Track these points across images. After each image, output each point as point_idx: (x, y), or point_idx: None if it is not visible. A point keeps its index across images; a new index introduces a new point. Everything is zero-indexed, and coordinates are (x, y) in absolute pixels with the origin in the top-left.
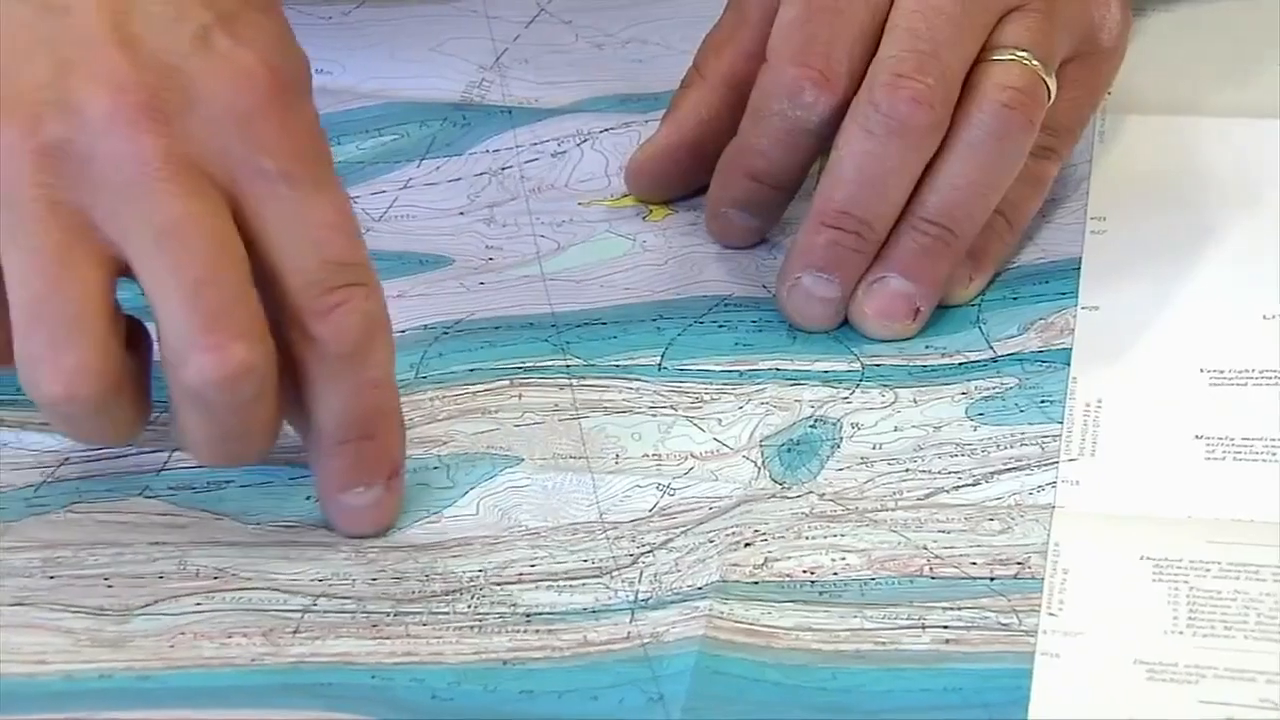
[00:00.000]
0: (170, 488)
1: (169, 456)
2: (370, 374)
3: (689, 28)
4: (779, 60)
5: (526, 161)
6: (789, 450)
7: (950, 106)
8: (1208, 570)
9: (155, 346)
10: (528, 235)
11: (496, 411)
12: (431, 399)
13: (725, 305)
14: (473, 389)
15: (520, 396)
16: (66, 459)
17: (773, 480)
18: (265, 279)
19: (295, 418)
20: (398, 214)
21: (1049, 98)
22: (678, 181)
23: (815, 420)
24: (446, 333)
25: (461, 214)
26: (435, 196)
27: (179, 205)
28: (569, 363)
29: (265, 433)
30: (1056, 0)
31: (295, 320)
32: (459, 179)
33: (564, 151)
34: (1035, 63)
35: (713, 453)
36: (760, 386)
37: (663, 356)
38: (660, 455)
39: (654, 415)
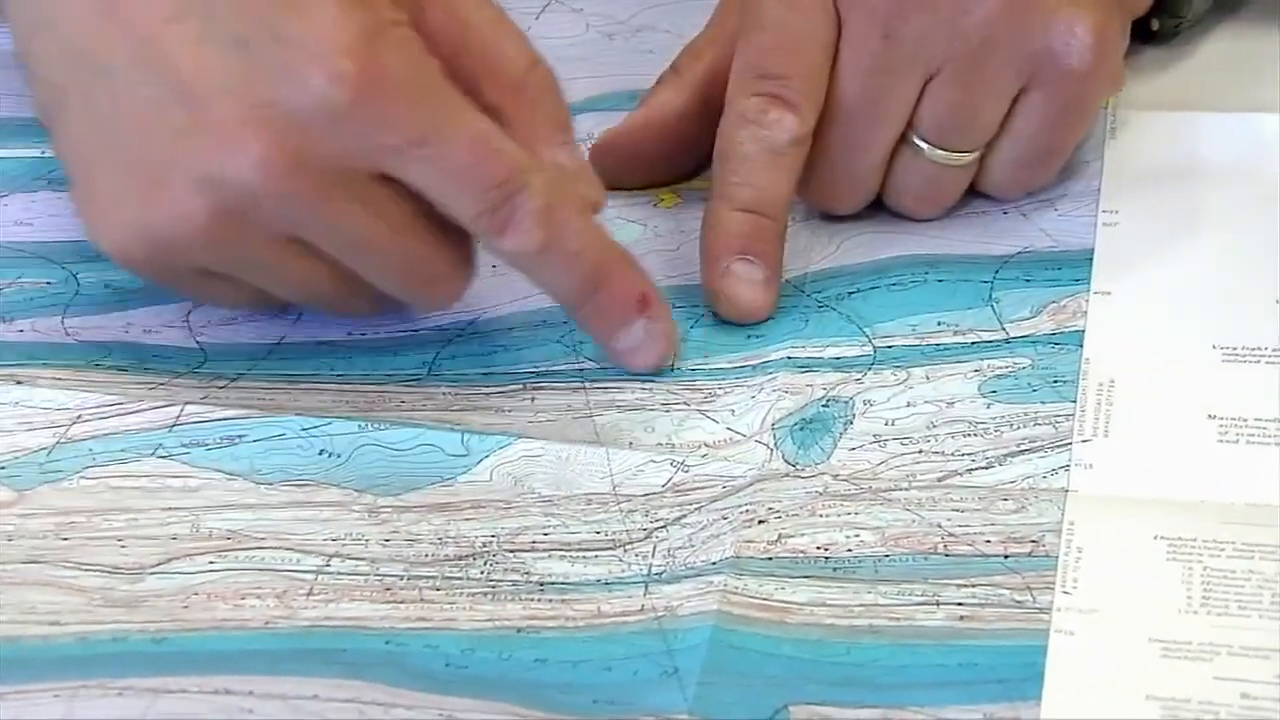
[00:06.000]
0: (183, 445)
1: (181, 410)
2: (570, 247)
3: (700, 14)
4: (736, 97)
5: None
6: (801, 429)
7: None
8: (1221, 550)
9: None
10: None
11: (510, 410)
12: (445, 393)
13: None
14: (485, 390)
15: (534, 400)
16: (79, 417)
17: (786, 462)
18: None
19: None
20: None
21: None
22: (642, 165)
23: (828, 400)
24: (460, 334)
25: None
26: None
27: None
28: (582, 366)
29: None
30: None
31: (490, 244)
32: None
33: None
34: (940, 154)
35: (726, 440)
36: (772, 375)
37: (676, 356)
38: (674, 444)
39: (667, 411)
